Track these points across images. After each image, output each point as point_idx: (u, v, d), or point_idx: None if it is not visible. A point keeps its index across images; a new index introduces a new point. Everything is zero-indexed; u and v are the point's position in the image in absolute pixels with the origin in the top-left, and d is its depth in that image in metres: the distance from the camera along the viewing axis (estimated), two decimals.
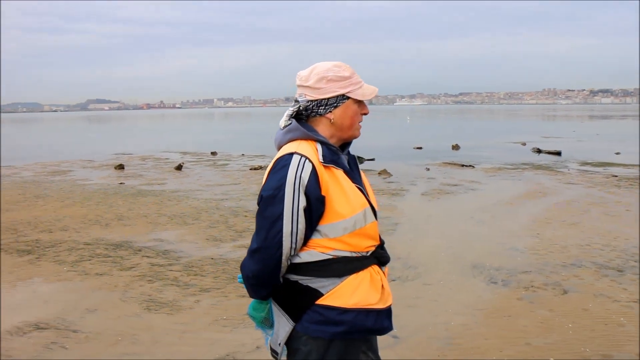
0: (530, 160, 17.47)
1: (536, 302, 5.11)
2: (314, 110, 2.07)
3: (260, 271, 1.98)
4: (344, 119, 2.08)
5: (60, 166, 18.07)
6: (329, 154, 2.02)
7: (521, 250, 6.83)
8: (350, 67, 2.11)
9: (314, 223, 1.97)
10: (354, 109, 2.09)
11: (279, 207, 1.93)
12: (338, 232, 1.99)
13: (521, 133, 33.08)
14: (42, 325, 4.65)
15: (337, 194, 1.98)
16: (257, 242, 1.97)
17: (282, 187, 1.92)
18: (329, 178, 1.98)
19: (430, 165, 16.49)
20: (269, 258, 1.95)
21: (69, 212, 9.52)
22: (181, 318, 4.80)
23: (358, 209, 2.02)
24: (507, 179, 13.33)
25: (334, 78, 2.05)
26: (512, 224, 8.33)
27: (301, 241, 1.97)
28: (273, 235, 1.93)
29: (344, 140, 2.14)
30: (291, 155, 1.97)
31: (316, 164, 1.96)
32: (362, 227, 2.03)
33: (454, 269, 6.10)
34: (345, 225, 1.99)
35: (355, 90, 2.08)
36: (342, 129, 2.10)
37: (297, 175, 1.92)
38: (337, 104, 2.07)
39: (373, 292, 2.06)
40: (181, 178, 14.52)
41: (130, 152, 23.49)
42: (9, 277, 5.98)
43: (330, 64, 2.08)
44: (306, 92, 2.07)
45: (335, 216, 1.98)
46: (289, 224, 1.93)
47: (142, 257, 6.67)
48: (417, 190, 11.78)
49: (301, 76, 2.10)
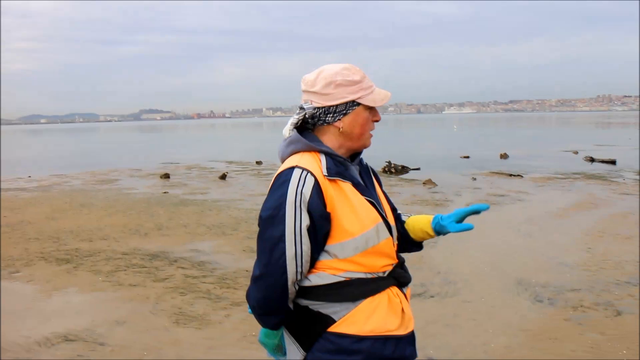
0: (583, 170, 16.78)
1: (586, 323, 4.77)
2: (321, 118, 1.88)
3: (265, 299, 1.80)
4: (354, 127, 1.88)
5: (108, 175, 18.44)
6: (334, 166, 1.82)
7: (570, 265, 6.46)
8: (361, 70, 1.90)
9: (320, 243, 1.78)
10: (364, 116, 1.89)
11: (280, 228, 1.74)
12: (349, 252, 1.79)
13: (573, 141, 32.00)
14: (71, 337, 4.61)
15: (345, 209, 1.79)
16: (259, 268, 1.80)
17: (282, 206, 1.74)
18: (334, 192, 1.79)
19: (476, 174, 16.05)
20: (273, 285, 1.77)
21: (110, 221, 9.61)
22: (209, 333, 4.68)
23: (369, 225, 1.82)
24: (557, 189, 12.79)
25: (343, 82, 1.85)
26: (561, 237, 7.91)
27: (307, 264, 1.78)
28: (276, 259, 1.75)
29: (354, 151, 1.94)
30: (292, 169, 1.79)
31: (319, 178, 1.77)
32: (375, 245, 1.83)
33: (497, 285, 5.80)
34: (355, 244, 1.79)
35: (366, 96, 1.87)
36: (352, 138, 1.89)
37: (298, 192, 1.73)
38: (346, 111, 1.86)
39: (392, 317, 1.85)
40: (224, 187, 14.55)
41: (178, 161, 23.82)
42: (46, 286, 6.01)
43: (339, 67, 1.88)
44: (312, 98, 1.88)
45: (344, 234, 1.78)
46: (292, 246, 1.74)
47: (177, 268, 6.61)
48: (462, 200, 11.41)
49: (307, 80, 1.90)
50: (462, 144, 32.52)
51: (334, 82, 1.85)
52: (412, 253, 2.24)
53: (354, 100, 1.86)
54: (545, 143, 31.93)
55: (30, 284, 6.12)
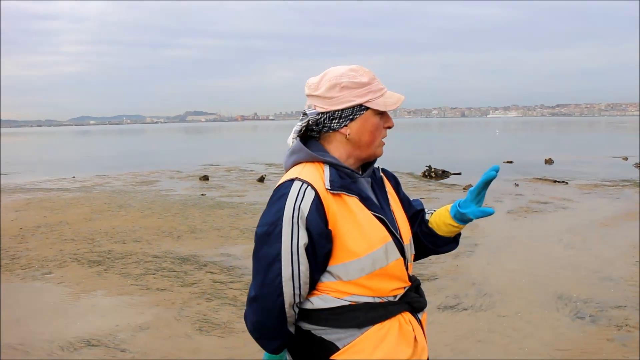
0: (632, 177, 16.07)
1: (630, 345, 4.45)
2: (325, 124, 1.71)
3: (260, 323, 1.64)
4: (362, 134, 1.70)
5: (149, 176, 18.68)
6: (338, 179, 1.65)
7: (616, 280, 6.10)
8: (371, 72, 1.73)
9: (320, 263, 1.61)
10: (374, 121, 1.71)
11: (276, 246, 1.58)
12: (354, 274, 1.62)
13: (623, 147, 30.82)
14: (94, 342, 4.57)
15: (349, 227, 1.62)
16: (254, 289, 1.63)
17: (279, 222, 1.58)
18: (337, 208, 1.62)
19: (519, 180, 15.56)
20: (268, 307, 1.60)
21: (145, 223, 9.66)
22: (231, 342, 4.57)
23: (377, 244, 1.64)
24: (603, 197, 12.26)
25: (349, 85, 1.68)
26: (607, 248, 7.52)
27: (306, 285, 1.61)
28: (271, 280, 1.59)
29: (363, 160, 1.77)
30: (291, 182, 1.63)
31: (321, 192, 1.60)
32: (383, 266, 1.65)
33: (535, 299, 5.50)
34: (361, 265, 1.62)
35: (375, 100, 1.69)
36: (361, 147, 1.72)
37: (296, 207, 1.57)
38: (353, 116, 1.69)
39: (403, 346, 1.67)
40: (262, 190, 14.52)
41: (218, 163, 23.99)
42: (75, 289, 6.02)
43: (345, 68, 1.71)
44: (316, 102, 1.72)
45: (348, 255, 1.61)
46: (289, 266, 1.57)
47: (206, 272, 6.54)
48: (503, 207, 11.04)
49: (310, 84, 1.74)
50: (506, 149, 31.74)
51: (339, 84, 1.68)
52: (447, 263, 2.06)
53: (362, 104, 1.69)
54: (593, 148, 30.90)
55: (60, 285, 6.15)
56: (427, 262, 6.70)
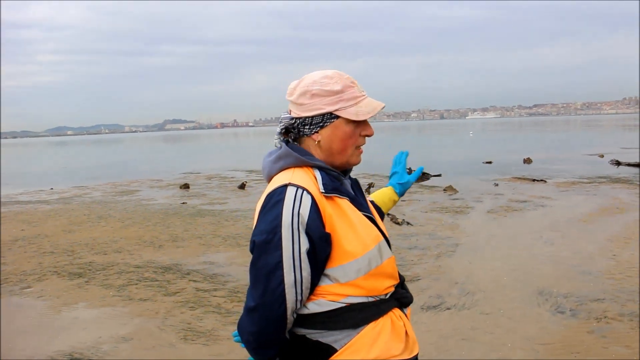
0: (608, 174, 16.34)
1: (610, 336, 4.53)
2: (299, 129, 1.73)
3: (261, 333, 1.61)
4: (332, 141, 1.70)
5: (129, 186, 18.53)
6: (330, 182, 1.66)
7: (594, 274, 6.20)
8: (349, 79, 1.72)
9: (320, 267, 1.61)
10: (345, 130, 1.70)
11: (276, 254, 1.56)
12: (351, 275, 1.63)
13: (599, 145, 31.33)
14: (76, 355, 4.52)
15: (345, 229, 1.63)
16: (254, 299, 1.60)
17: (278, 229, 1.57)
18: (332, 211, 1.62)
19: (499, 180, 15.74)
20: (270, 316, 1.59)
21: (126, 233, 9.58)
22: (216, 349, 4.55)
23: (371, 244, 1.66)
24: (581, 194, 12.45)
25: (320, 92, 1.68)
26: (585, 244, 7.63)
27: (307, 290, 1.61)
28: (273, 288, 1.57)
29: (338, 168, 1.76)
30: (285, 187, 1.62)
31: (316, 196, 1.61)
32: (378, 265, 1.67)
33: (517, 296, 5.57)
34: (358, 266, 1.63)
35: (346, 108, 1.69)
36: (332, 154, 1.72)
37: (295, 212, 1.57)
38: (323, 123, 1.70)
39: (396, 341, 1.68)
40: (243, 197, 14.48)
41: (199, 171, 23.87)
42: (56, 302, 5.95)
43: (320, 75, 1.72)
44: (292, 107, 1.73)
45: (345, 256, 1.62)
46: (291, 273, 1.56)
47: (189, 281, 6.51)
48: (483, 207, 11.16)
49: (289, 89, 1.75)
50: (486, 149, 32.07)
51: (309, 91, 1.69)
52: (430, 264, 2.15)
53: (332, 112, 1.69)
54: (570, 147, 31.33)
55: (40, 299, 6.07)
56: (409, 264, 6.75)
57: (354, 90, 1.72)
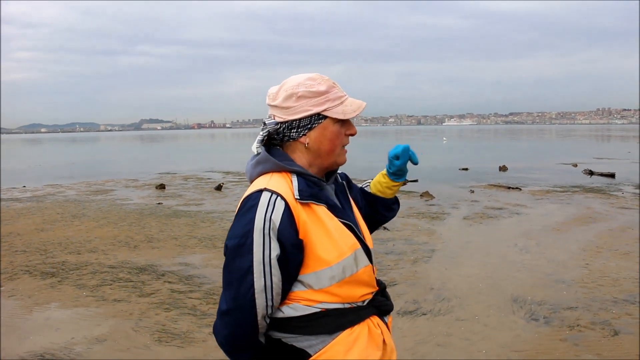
0: (582, 183, 16.62)
1: (582, 344, 4.60)
2: (285, 133, 1.72)
3: (233, 336, 1.62)
4: (321, 142, 1.72)
5: (104, 185, 18.29)
6: (306, 188, 1.66)
7: (567, 282, 6.29)
8: (329, 80, 1.74)
9: (292, 273, 1.61)
10: (333, 130, 1.72)
11: (248, 258, 1.56)
12: (324, 283, 1.63)
13: (573, 154, 31.84)
14: (48, 356, 4.44)
15: (319, 236, 1.62)
16: (226, 303, 1.61)
17: (250, 234, 1.57)
18: (307, 217, 1.62)
19: (475, 187, 15.89)
20: (242, 320, 1.59)
21: (100, 233, 9.45)
22: (191, 351, 4.51)
23: (346, 252, 1.65)
24: (555, 203, 12.62)
25: (306, 94, 1.69)
26: (559, 252, 7.75)
27: (278, 296, 1.61)
28: (244, 292, 1.57)
29: (326, 169, 1.78)
30: (260, 192, 1.62)
31: (290, 202, 1.60)
32: (353, 273, 1.66)
33: (492, 303, 5.63)
34: (332, 273, 1.62)
35: (333, 108, 1.71)
36: (321, 155, 1.73)
37: (267, 218, 1.57)
38: (311, 125, 1.70)
39: (372, 349, 1.68)
40: (219, 199, 14.38)
41: (175, 171, 23.66)
42: (27, 302, 5.84)
43: (303, 77, 1.72)
44: (275, 112, 1.73)
45: (319, 263, 1.61)
46: (261, 278, 1.57)
47: (164, 282, 6.44)
48: (459, 214, 11.25)
49: (270, 94, 1.75)
50: (462, 156, 32.36)
51: (296, 94, 1.69)
52: (406, 269, 2.11)
53: (319, 113, 1.70)
54: (544, 156, 31.76)
55: (11, 299, 5.96)
56: (386, 269, 6.77)
57: (337, 91, 1.74)
